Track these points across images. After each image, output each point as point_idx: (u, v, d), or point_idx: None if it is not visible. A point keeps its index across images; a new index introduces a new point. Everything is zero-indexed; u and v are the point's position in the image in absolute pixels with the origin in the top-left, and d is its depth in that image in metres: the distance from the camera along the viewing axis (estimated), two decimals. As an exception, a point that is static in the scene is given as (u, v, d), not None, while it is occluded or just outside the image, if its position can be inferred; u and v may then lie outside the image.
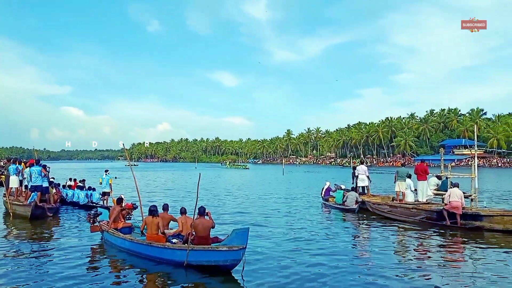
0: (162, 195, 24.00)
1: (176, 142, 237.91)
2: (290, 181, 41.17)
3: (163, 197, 22.50)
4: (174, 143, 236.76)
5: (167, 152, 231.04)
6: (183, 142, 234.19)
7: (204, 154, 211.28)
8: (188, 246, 7.65)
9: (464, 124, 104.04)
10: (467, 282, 7.08)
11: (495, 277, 7.38)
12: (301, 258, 8.66)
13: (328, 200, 18.43)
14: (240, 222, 13.65)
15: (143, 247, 8.55)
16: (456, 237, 11.24)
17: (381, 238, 11.07)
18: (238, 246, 7.27)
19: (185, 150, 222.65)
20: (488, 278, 7.29)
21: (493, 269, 7.93)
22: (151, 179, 45.33)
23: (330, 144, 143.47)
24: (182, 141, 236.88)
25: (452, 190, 12.65)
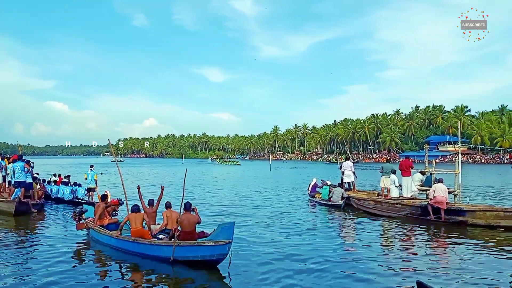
0: (148, 190, 23.85)
1: (163, 138, 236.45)
2: (277, 177, 41.31)
3: (149, 192, 22.37)
4: (161, 139, 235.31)
5: (154, 147, 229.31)
6: (170, 138, 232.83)
7: (191, 150, 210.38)
8: (174, 242, 7.64)
9: (448, 120, 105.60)
10: (449, 276, 7.21)
11: (476, 270, 7.53)
12: (286, 253, 8.71)
13: (314, 196, 18.54)
14: (226, 216, 13.67)
15: (129, 244, 8.50)
16: (440, 231, 11.44)
17: (365, 233, 11.21)
18: (224, 241, 7.28)
19: (172, 146, 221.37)
20: (470, 272, 7.44)
21: (474, 262, 8.10)
22: (136, 174, 45.00)
23: (317, 140, 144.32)
24: (169, 137, 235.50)
25: (437, 185, 12.85)
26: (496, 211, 11.85)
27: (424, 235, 11.06)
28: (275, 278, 6.99)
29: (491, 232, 11.06)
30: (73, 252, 8.97)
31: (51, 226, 12.18)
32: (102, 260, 8.44)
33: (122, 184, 11.48)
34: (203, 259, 7.46)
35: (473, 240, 10.17)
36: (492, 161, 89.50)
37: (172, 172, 50.65)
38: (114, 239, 8.89)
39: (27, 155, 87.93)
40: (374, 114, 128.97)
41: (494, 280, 6.99)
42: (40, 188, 16.71)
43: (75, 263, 8.11)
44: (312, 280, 6.97)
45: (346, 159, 19.12)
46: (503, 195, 21.19)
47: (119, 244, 8.78)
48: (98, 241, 9.52)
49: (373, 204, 14.93)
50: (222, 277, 7.14)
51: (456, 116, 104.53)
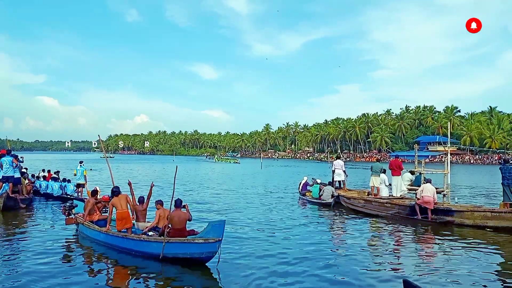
0: (139, 188, 23.74)
1: (154, 135, 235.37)
2: (268, 175, 41.37)
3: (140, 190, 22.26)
4: (151, 135, 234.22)
5: (144, 144, 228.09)
6: (161, 135, 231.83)
7: (183, 147, 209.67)
8: (164, 238, 7.62)
9: (438, 121, 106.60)
10: (436, 274, 7.30)
11: (463, 269, 7.64)
12: (276, 251, 8.75)
13: (305, 194, 18.62)
14: (216, 213, 13.69)
15: (118, 239, 8.47)
16: (427, 231, 11.56)
17: (354, 232, 11.29)
18: (214, 239, 7.28)
19: (163, 142, 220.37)
20: (456, 270, 7.54)
21: (461, 261, 8.21)
22: (127, 171, 44.75)
23: (308, 138, 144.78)
24: (160, 134, 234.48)
25: (425, 185, 12.98)
26: (483, 212, 11.98)
27: (411, 234, 11.16)
28: (264, 276, 7.01)
29: (478, 232, 11.20)
30: (62, 248, 8.90)
31: (40, 221, 12.08)
32: (90, 256, 8.39)
33: (112, 180, 11.43)
34: (192, 257, 7.46)
35: (460, 240, 10.29)
36: (481, 162, 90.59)
37: (163, 169, 50.45)
38: (103, 234, 8.85)
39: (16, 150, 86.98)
40: (365, 113, 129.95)
41: (480, 279, 7.09)
42: (28, 183, 16.54)
43: (64, 259, 8.05)
44: (300, 277, 7.01)
45: (336, 158, 19.23)
46: (492, 195, 21.47)
47: (107, 240, 8.74)
48: (87, 236, 9.47)
49: (362, 203, 15.04)
50: (211, 276, 7.15)
51: (446, 117, 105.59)
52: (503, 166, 12.30)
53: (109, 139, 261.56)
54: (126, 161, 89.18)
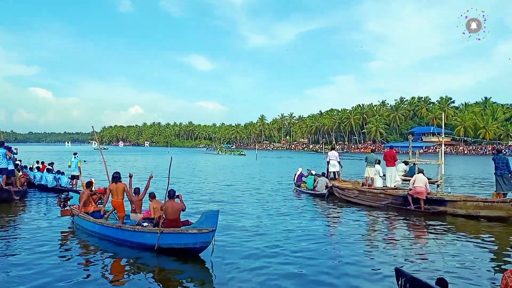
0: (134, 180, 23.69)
1: (148, 126, 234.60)
2: (263, 166, 41.45)
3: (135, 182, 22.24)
4: (146, 127, 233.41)
5: (139, 136, 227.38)
6: (155, 126, 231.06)
7: (177, 138, 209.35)
8: (159, 229, 7.65)
9: (433, 112, 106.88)
10: (428, 263, 7.41)
11: (454, 258, 7.74)
12: (269, 241, 8.82)
13: (300, 185, 18.70)
14: (211, 204, 13.74)
15: (113, 230, 8.50)
16: (420, 221, 11.67)
17: (347, 222, 11.39)
18: (208, 229, 7.31)
19: (157, 134, 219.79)
20: (449, 259, 7.64)
21: (453, 250, 8.31)
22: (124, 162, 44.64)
23: (303, 130, 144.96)
24: (155, 125, 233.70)
25: (417, 176, 13.07)
26: (476, 201, 12.10)
27: (404, 224, 11.28)
28: (257, 267, 7.07)
29: (471, 222, 11.34)
30: (57, 239, 8.92)
31: (34, 213, 12.07)
32: (86, 247, 8.42)
33: (106, 172, 11.40)
34: (186, 247, 7.50)
35: (453, 229, 10.42)
36: (475, 152, 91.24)
37: (156, 161, 50.37)
38: (98, 225, 8.87)
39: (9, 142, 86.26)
40: (360, 104, 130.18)
41: (472, 267, 7.19)
42: (22, 175, 16.47)
43: (59, 250, 8.07)
44: (293, 268, 7.07)
45: (331, 149, 19.25)
46: (485, 185, 21.68)
47: (103, 231, 8.77)
48: (82, 228, 9.48)
49: (355, 193, 15.15)
50: (204, 266, 7.19)
51: (441, 108, 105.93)
52: (496, 156, 12.42)
53: (103, 130, 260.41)
54: (120, 153, 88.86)
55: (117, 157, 60.11)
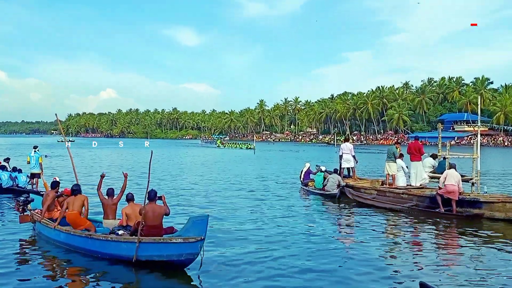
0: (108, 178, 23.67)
1: (124, 114, 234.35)
2: (263, 162, 41.47)
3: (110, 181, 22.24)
4: (121, 115, 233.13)
5: (112, 125, 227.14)
6: (132, 114, 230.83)
7: (159, 128, 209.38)
8: (137, 238, 7.66)
9: (466, 95, 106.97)
10: (459, 278, 7.41)
11: (492, 272, 7.76)
12: (271, 252, 8.82)
13: (307, 184, 18.74)
14: (201, 207, 13.76)
15: (82, 240, 8.49)
16: (451, 227, 11.72)
17: (363, 229, 11.39)
18: (195, 238, 7.29)
19: (135, 123, 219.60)
20: (485, 274, 7.66)
21: (490, 263, 8.34)
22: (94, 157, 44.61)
23: (310, 117, 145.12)
24: (132, 112, 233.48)
25: (448, 172, 13.10)
26: (518, 203, 12.16)
27: (432, 230, 11.32)
28: (255, 283, 7.08)
29: (511, 227, 11.39)
30: (15, 251, 8.89)
31: (-14, 219, 12.05)
32: (50, 260, 8.40)
33: (73, 169, 11.40)
34: (170, 260, 7.50)
35: (490, 237, 10.45)
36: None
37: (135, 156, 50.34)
38: (64, 233, 8.84)
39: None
40: (379, 87, 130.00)
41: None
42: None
43: (17, 264, 8.05)
44: (299, 283, 7.09)
45: (345, 141, 19.27)
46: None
47: (70, 241, 8.76)
48: (46, 236, 9.47)
49: (373, 194, 15.17)
50: (191, 283, 7.20)
51: (476, 90, 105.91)
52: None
53: (69, 119, 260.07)
54: (89, 146, 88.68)
55: (86, 151, 60.01)
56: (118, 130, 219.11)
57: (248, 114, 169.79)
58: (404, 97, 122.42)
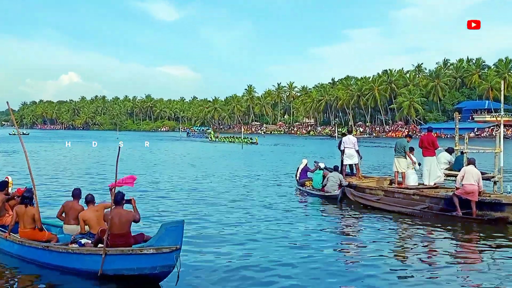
0: (69, 176, 23.53)
1: (88, 102, 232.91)
2: (252, 157, 41.48)
3: (71, 179, 22.08)
4: (85, 103, 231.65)
5: (74, 115, 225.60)
6: (98, 102, 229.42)
7: (130, 118, 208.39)
8: (103, 249, 7.61)
9: (488, 80, 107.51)
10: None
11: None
12: (260, 263, 8.81)
13: (304, 184, 18.75)
14: (177, 211, 13.75)
15: (38, 251, 8.42)
16: (470, 233, 11.78)
17: (369, 236, 11.40)
18: (170, 247, 7.27)
19: (101, 112, 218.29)
20: (508, 286, 7.71)
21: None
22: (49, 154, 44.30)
23: (307, 106, 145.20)
24: (98, 100, 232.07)
25: (467, 169, 13.12)
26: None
27: (448, 238, 11.39)
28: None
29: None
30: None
31: None
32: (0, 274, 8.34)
33: (28, 167, 11.23)
34: (141, 273, 7.47)
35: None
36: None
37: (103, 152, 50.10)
38: (17, 244, 8.78)
39: None
40: (387, 70, 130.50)
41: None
42: None
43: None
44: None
45: (347, 133, 19.26)
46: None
47: (24, 252, 8.69)
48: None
49: (378, 195, 15.22)
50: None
51: (499, 74, 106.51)
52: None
53: (23, 108, 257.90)
54: (46, 139, 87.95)
55: (43, 146, 59.58)
56: (82, 121, 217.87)
57: (235, 102, 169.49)
58: (416, 82, 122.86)
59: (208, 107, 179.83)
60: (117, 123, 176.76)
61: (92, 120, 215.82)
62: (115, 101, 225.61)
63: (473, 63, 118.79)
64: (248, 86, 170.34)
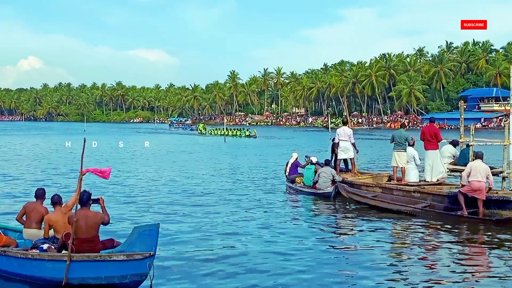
0: (31, 175, 23.37)
1: (51, 90, 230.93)
2: (236, 151, 41.49)
3: (34, 178, 21.93)
4: (48, 91, 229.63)
5: (36, 104, 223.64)
6: (63, 90, 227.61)
7: (99, 108, 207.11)
8: (68, 255, 7.54)
9: (496, 65, 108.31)
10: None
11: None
12: (241, 271, 8.78)
13: (294, 180, 18.76)
14: (153, 213, 13.72)
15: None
16: (477, 233, 11.86)
17: (363, 241, 11.36)
18: (143, 254, 7.25)
19: (66, 102, 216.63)
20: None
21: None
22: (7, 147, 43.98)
23: (297, 94, 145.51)
24: (62, 88, 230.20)
25: (473, 164, 13.15)
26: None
27: (452, 239, 11.42)
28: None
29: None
30: None
31: None
32: None
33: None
34: (110, 282, 7.43)
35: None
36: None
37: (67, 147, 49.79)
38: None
39: None
40: (385, 54, 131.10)
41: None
42: None
43: None
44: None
45: (342, 124, 19.25)
46: None
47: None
48: None
49: (376, 192, 15.27)
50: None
51: (508, 59, 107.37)
52: None
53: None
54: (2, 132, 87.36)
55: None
56: (44, 112, 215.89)
57: (216, 90, 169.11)
58: (417, 67, 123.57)
59: (187, 95, 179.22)
60: (84, 114, 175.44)
61: (56, 110, 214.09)
62: (82, 89, 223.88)
63: (479, 46, 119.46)
64: (231, 72, 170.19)
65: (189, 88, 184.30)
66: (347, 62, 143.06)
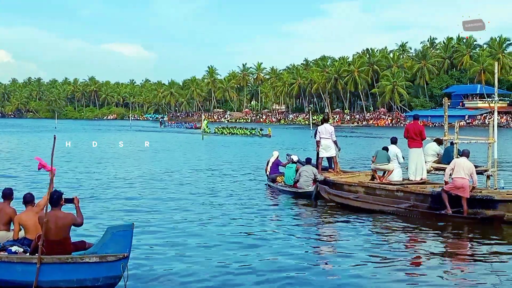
0: None
1: (21, 85, 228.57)
2: (215, 150, 41.44)
3: None
4: (17, 86, 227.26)
5: (3, 100, 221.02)
6: (33, 85, 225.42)
7: (71, 104, 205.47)
8: (38, 257, 7.48)
9: (480, 61, 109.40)
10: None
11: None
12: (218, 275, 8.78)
13: (275, 179, 18.78)
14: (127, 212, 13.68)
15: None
16: (461, 233, 12.01)
17: (346, 240, 11.46)
18: (116, 255, 7.23)
19: (36, 97, 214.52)
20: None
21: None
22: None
23: (278, 90, 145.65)
24: (32, 83, 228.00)
25: (457, 161, 13.29)
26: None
27: (436, 239, 11.54)
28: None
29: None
30: None
31: None
32: None
33: None
34: (82, 285, 7.40)
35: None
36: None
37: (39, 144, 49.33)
38: None
39: None
40: (368, 49, 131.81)
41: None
42: None
43: None
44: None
45: (323, 122, 19.25)
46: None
47: None
48: None
49: (358, 192, 15.33)
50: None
51: (492, 55, 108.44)
52: None
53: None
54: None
55: None
56: (13, 108, 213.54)
57: (194, 86, 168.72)
58: (400, 63, 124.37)
59: (163, 91, 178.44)
60: (55, 110, 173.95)
61: (26, 106, 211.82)
62: (52, 84, 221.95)
63: (463, 42, 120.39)
64: (209, 67, 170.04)
65: (165, 83, 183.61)
66: (329, 58, 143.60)
